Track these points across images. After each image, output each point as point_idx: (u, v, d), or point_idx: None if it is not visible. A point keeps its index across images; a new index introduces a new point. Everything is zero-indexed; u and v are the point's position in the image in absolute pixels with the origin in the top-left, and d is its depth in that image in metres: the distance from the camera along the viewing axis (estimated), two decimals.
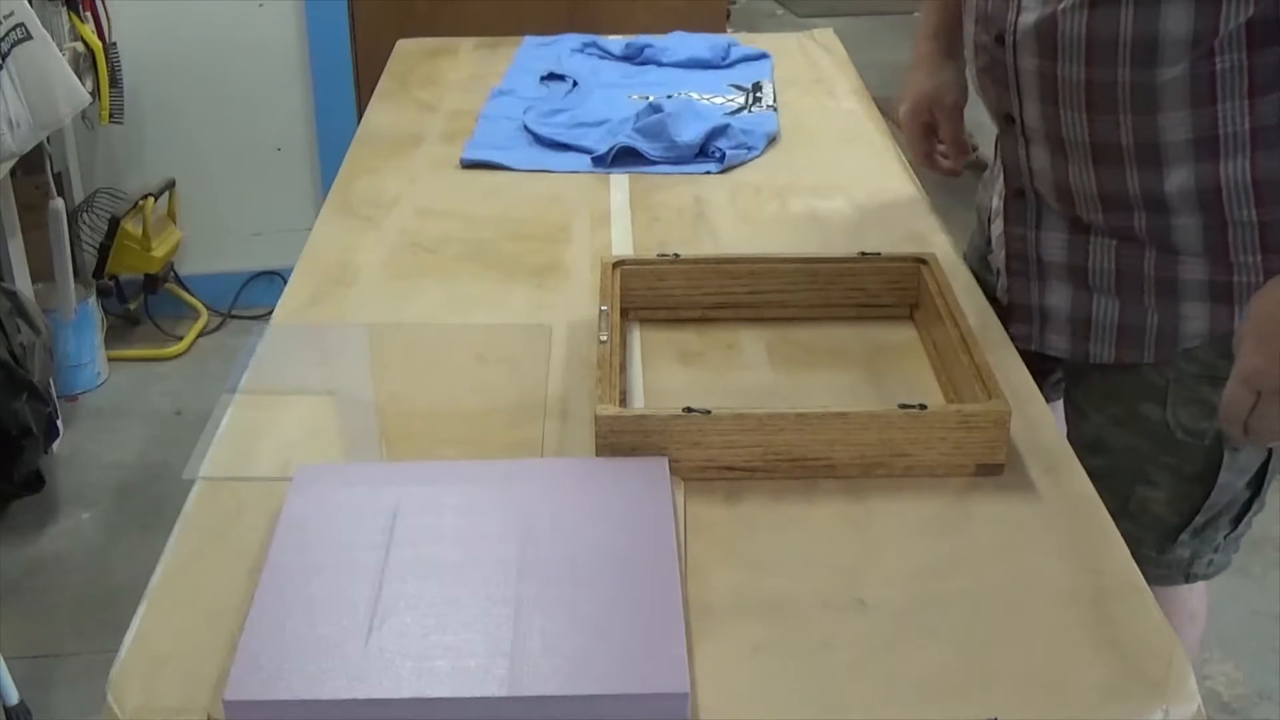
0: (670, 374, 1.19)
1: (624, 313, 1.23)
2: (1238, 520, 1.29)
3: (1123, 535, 0.97)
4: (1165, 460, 1.24)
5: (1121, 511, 1.22)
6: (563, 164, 1.68)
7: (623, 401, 1.08)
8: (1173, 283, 1.19)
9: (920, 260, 1.24)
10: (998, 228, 1.34)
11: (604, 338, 1.12)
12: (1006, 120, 1.27)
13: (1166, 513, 1.26)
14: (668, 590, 0.88)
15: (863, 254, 1.26)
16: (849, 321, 1.25)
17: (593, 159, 1.67)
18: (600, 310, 1.16)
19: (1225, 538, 1.30)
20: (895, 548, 0.96)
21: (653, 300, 1.26)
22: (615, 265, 1.25)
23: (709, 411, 1.01)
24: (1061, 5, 1.13)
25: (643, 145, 1.67)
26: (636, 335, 1.25)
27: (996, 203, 1.35)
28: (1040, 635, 0.88)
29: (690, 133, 1.68)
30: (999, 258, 1.34)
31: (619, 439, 1.02)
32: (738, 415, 1.01)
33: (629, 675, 0.80)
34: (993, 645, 0.87)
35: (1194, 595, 1.38)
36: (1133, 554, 0.99)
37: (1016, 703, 0.82)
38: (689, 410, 1.01)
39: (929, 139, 1.48)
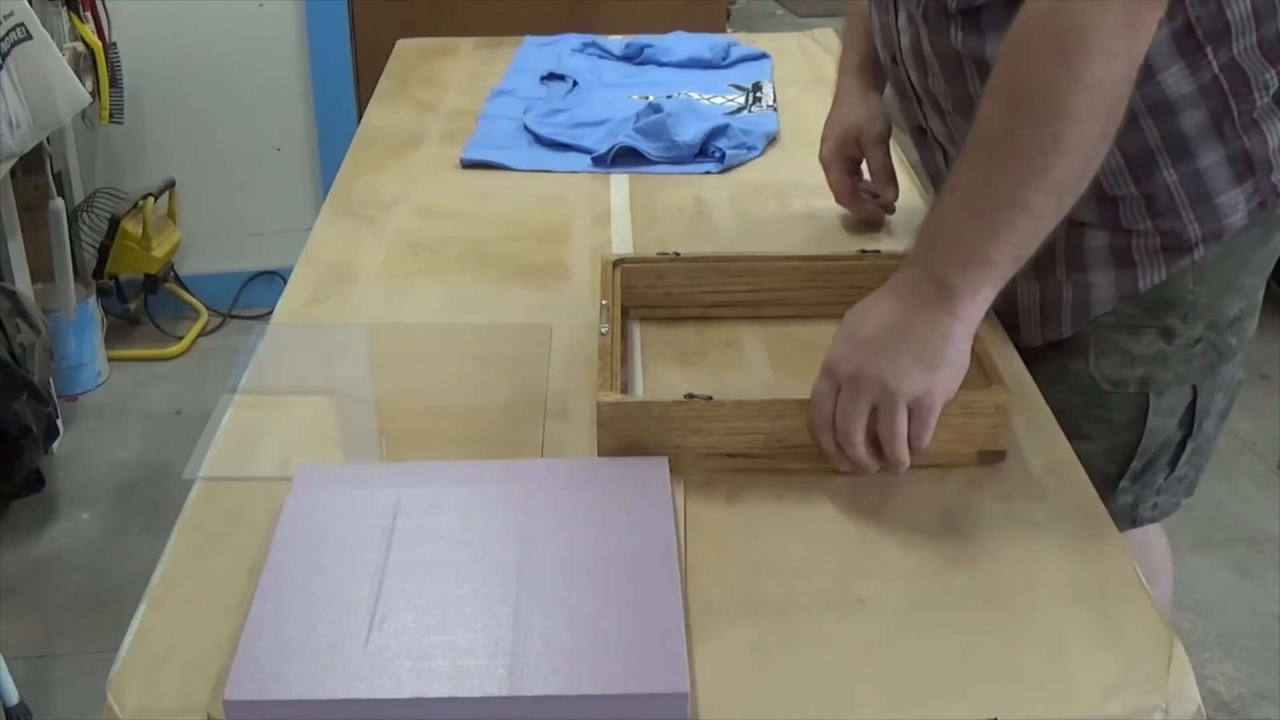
0: (670, 372, 1.19)
1: (624, 311, 1.23)
2: (1174, 461, 1.32)
3: None
4: (1095, 413, 1.27)
5: None
6: (563, 164, 1.68)
7: (624, 392, 1.08)
8: (1080, 253, 1.23)
9: None
10: None
11: (605, 329, 1.13)
12: (919, 132, 1.34)
13: (1103, 463, 1.27)
14: (668, 590, 0.88)
15: (862, 251, 1.27)
16: None
17: (593, 159, 1.67)
18: (601, 304, 1.17)
19: (1165, 480, 1.33)
20: (895, 547, 0.96)
21: (653, 299, 1.27)
22: (616, 264, 1.25)
23: (711, 398, 1.02)
24: (918, 30, 1.21)
25: (643, 145, 1.67)
26: (637, 334, 1.25)
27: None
28: (1040, 634, 0.88)
29: (690, 133, 1.68)
30: None
31: (620, 426, 1.02)
32: (739, 402, 1.02)
33: (629, 675, 0.80)
34: (993, 644, 0.87)
35: (1153, 551, 1.43)
36: None
37: (1016, 702, 0.82)
38: (691, 397, 1.02)
39: (854, 176, 1.45)
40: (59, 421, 2.55)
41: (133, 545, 2.44)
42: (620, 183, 1.62)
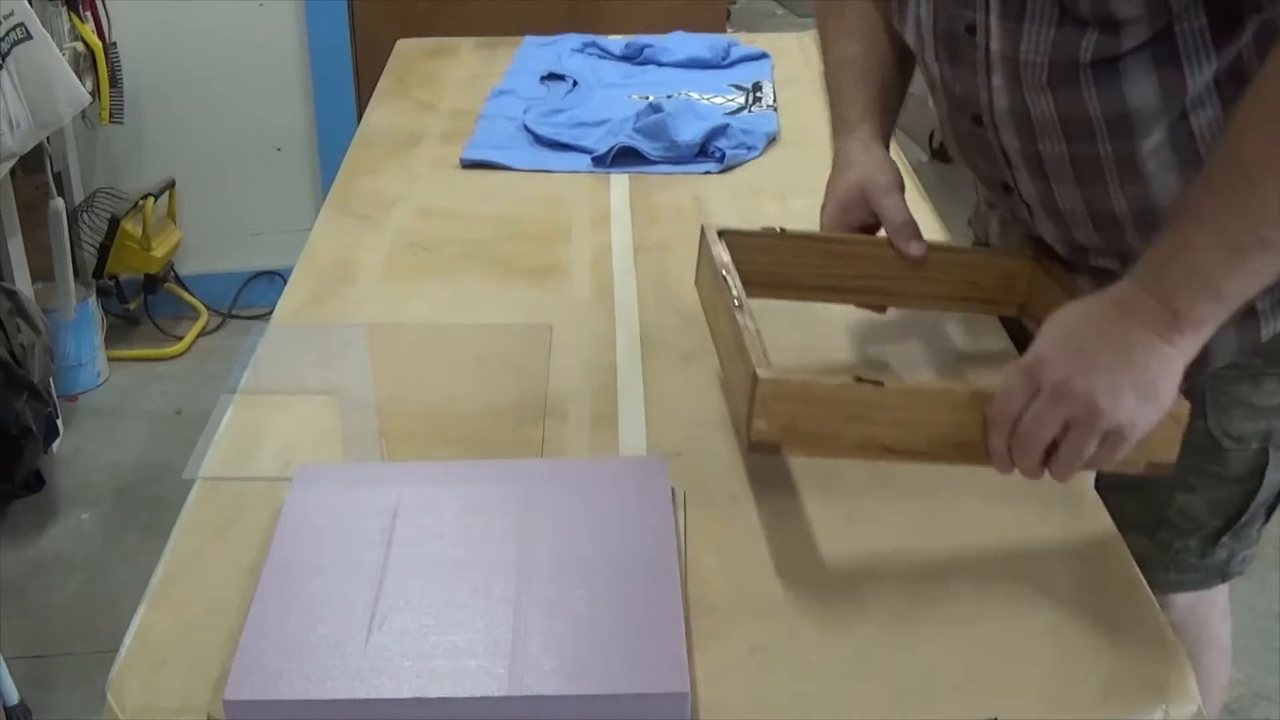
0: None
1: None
2: (1270, 511, 1.26)
3: (1161, 543, 0.92)
4: (1210, 468, 1.20)
5: (1160, 520, 1.21)
6: (563, 164, 1.68)
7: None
8: None
9: (1036, 259, 1.19)
10: None
11: (738, 298, 1.04)
12: (1003, 188, 1.21)
13: (1208, 517, 1.22)
14: (668, 590, 0.88)
15: (976, 243, 1.22)
16: (955, 314, 1.24)
17: (593, 159, 1.67)
18: (721, 275, 1.08)
19: (1257, 531, 1.27)
20: (895, 547, 0.96)
21: (752, 275, 1.14)
22: (721, 234, 1.16)
23: (881, 383, 0.92)
24: (1025, 89, 1.08)
25: (643, 145, 1.67)
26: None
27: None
28: (1040, 635, 0.88)
29: (690, 133, 1.68)
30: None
31: (779, 407, 0.92)
32: (913, 390, 0.94)
33: (629, 675, 0.80)
34: (992, 645, 0.87)
35: (1223, 593, 1.36)
36: (1172, 560, 0.96)
37: (1016, 703, 0.82)
38: (860, 380, 0.92)
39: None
40: (59, 421, 2.55)
41: (133, 545, 2.44)
42: (620, 183, 1.62)
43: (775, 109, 1.85)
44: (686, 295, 1.34)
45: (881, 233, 1.19)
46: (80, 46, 2.74)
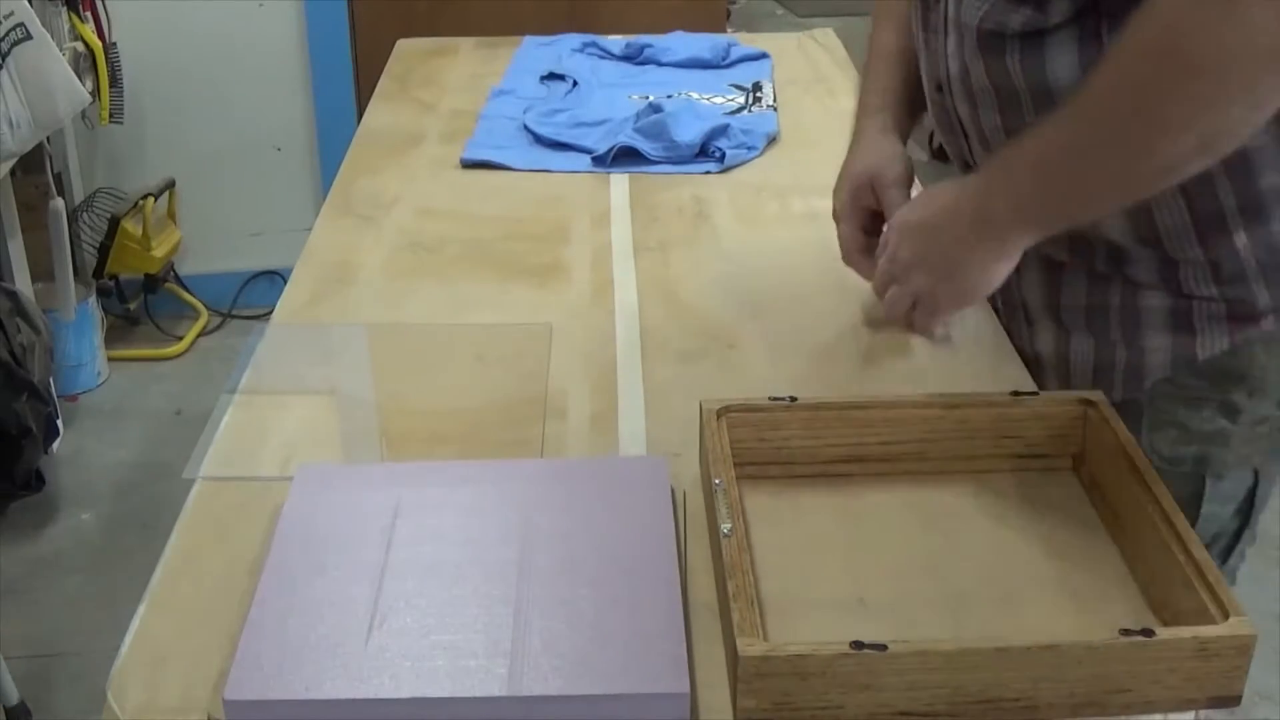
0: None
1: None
2: (1228, 552, 1.20)
3: None
4: None
5: None
6: (563, 164, 1.68)
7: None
8: (1136, 313, 1.14)
9: (1088, 403, 1.04)
10: None
11: (727, 529, 0.89)
12: (966, 167, 1.22)
13: None
14: (668, 590, 0.88)
15: (1015, 393, 1.06)
16: (1001, 476, 1.05)
17: (593, 159, 1.67)
18: (714, 485, 0.94)
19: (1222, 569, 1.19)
20: (895, 547, 0.96)
21: (762, 454, 1.04)
22: (720, 413, 1.02)
23: (885, 647, 0.80)
24: (966, 56, 1.11)
25: (643, 145, 1.67)
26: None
27: None
28: (1039, 635, 0.87)
29: (690, 133, 1.68)
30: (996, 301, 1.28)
31: (768, 685, 0.80)
32: (921, 653, 0.80)
33: (629, 675, 0.80)
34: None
35: None
36: None
37: None
38: (858, 646, 0.80)
39: (868, 233, 1.26)
40: (59, 421, 2.55)
41: (133, 545, 2.44)
42: (620, 183, 1.62)
43: (775, 109, 1.85)
44: (686, 295, 1.34)
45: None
46: (80, 46, 2.74)
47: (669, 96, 1.86)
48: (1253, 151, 1.03)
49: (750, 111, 1.83)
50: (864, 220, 1.27)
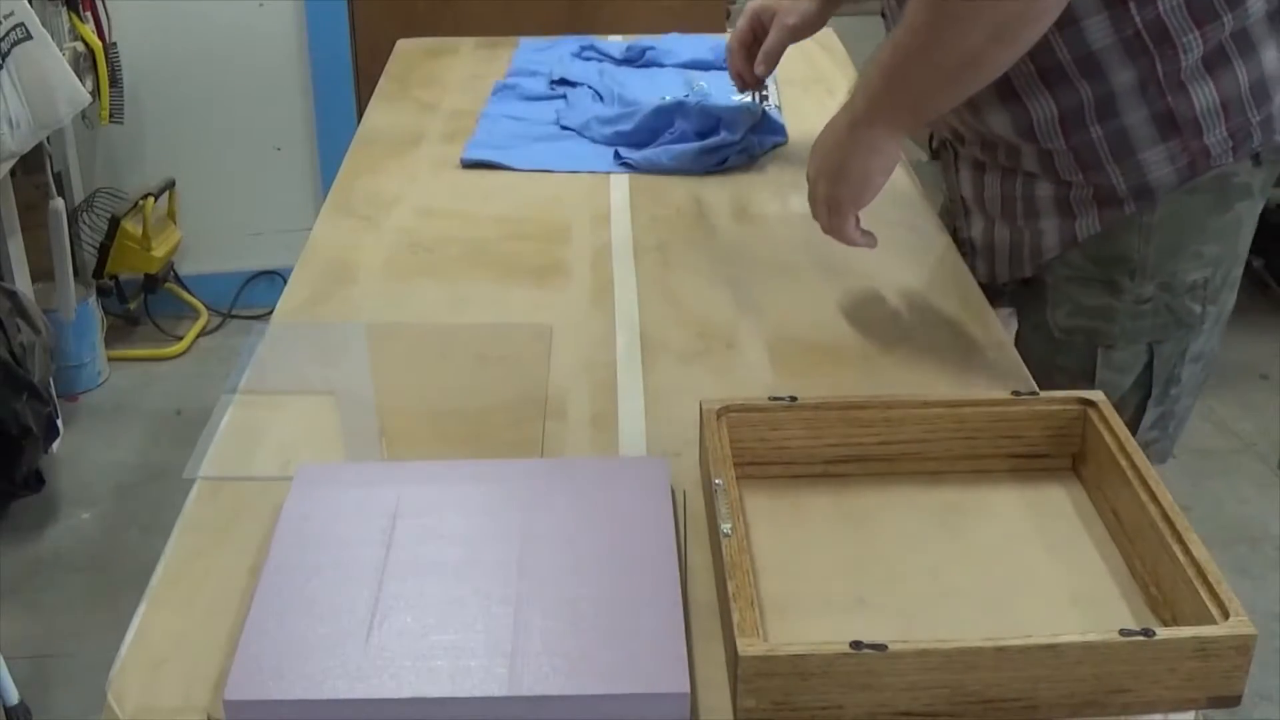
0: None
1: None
2: (1136, 424, 1.33)
3: None
4: (1059, 361, 1.33)
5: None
6: (563, 164, 1.68)
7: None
8: (1032, 200, 1.32)
9: (1087, 402, 1.05)
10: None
11: (727, 529, 0.89)
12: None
13: None
14: (668, 590, 0.88)
15: (1015, 393, 1.06)
16: (1001, 476, 1.05)
17: (617, 154, 1.67)
18: (714, 485, 0.94)
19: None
20: (896, 546, 0.96)
21: (761, 454, 1.04)
22: (720, 413, 1.02)
23: (885, 647, 0.80)
24: None
25: (681, 146, 1.67)
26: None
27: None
28: (1039, 635, 0.88)
29: (733, 127, 1.68)
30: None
31: (768, 685, 0.80)
32: (921, 653, 0.80)
33: (629, 675, 0.80)
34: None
35: None
36: None
37: None
38: (858, 646, 0.80)
39: (746, 52, 1.59)
40: (59, 421, 2.55)
41: (133, 545, 2.44)
42: (620, 183, 1.62)
43: (779, 109, 1.84)
44: (686, 295, 1.34)
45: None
46: (80, 46, 2.74)
47: (685, 96, 1.84)
48: (1100, 53, 1.20)
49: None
50: (747, 39, 1.59)
